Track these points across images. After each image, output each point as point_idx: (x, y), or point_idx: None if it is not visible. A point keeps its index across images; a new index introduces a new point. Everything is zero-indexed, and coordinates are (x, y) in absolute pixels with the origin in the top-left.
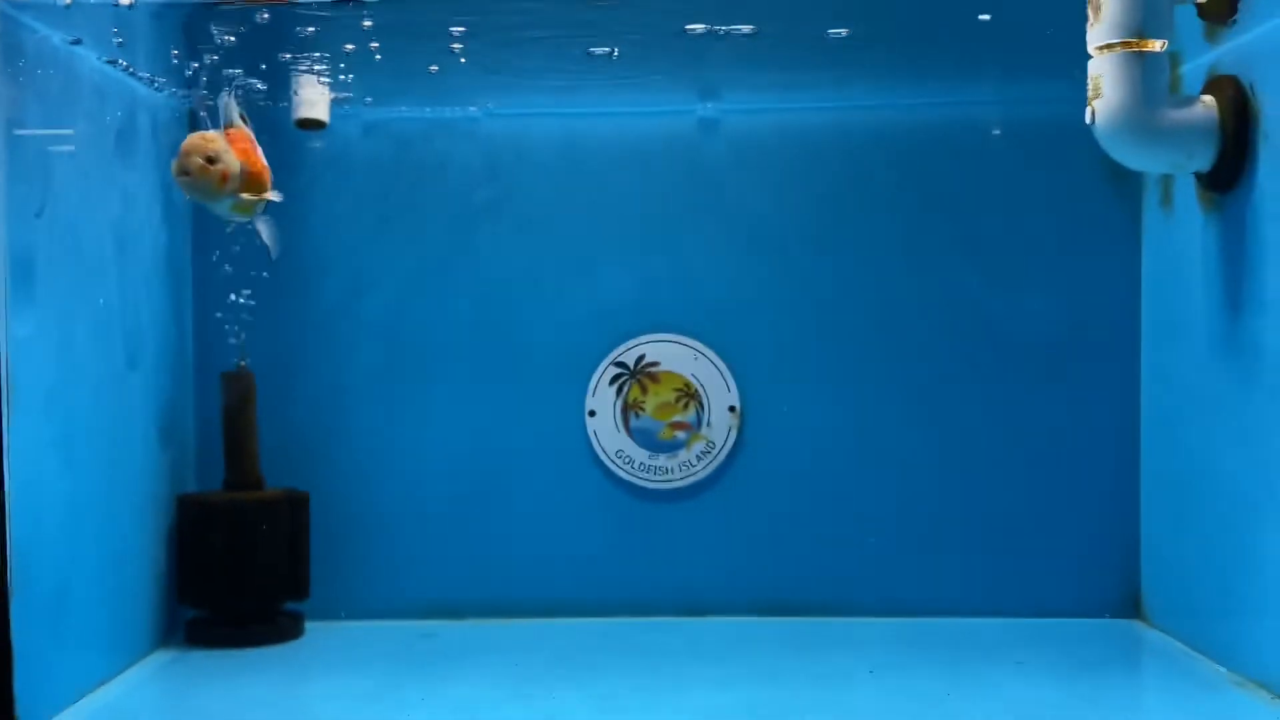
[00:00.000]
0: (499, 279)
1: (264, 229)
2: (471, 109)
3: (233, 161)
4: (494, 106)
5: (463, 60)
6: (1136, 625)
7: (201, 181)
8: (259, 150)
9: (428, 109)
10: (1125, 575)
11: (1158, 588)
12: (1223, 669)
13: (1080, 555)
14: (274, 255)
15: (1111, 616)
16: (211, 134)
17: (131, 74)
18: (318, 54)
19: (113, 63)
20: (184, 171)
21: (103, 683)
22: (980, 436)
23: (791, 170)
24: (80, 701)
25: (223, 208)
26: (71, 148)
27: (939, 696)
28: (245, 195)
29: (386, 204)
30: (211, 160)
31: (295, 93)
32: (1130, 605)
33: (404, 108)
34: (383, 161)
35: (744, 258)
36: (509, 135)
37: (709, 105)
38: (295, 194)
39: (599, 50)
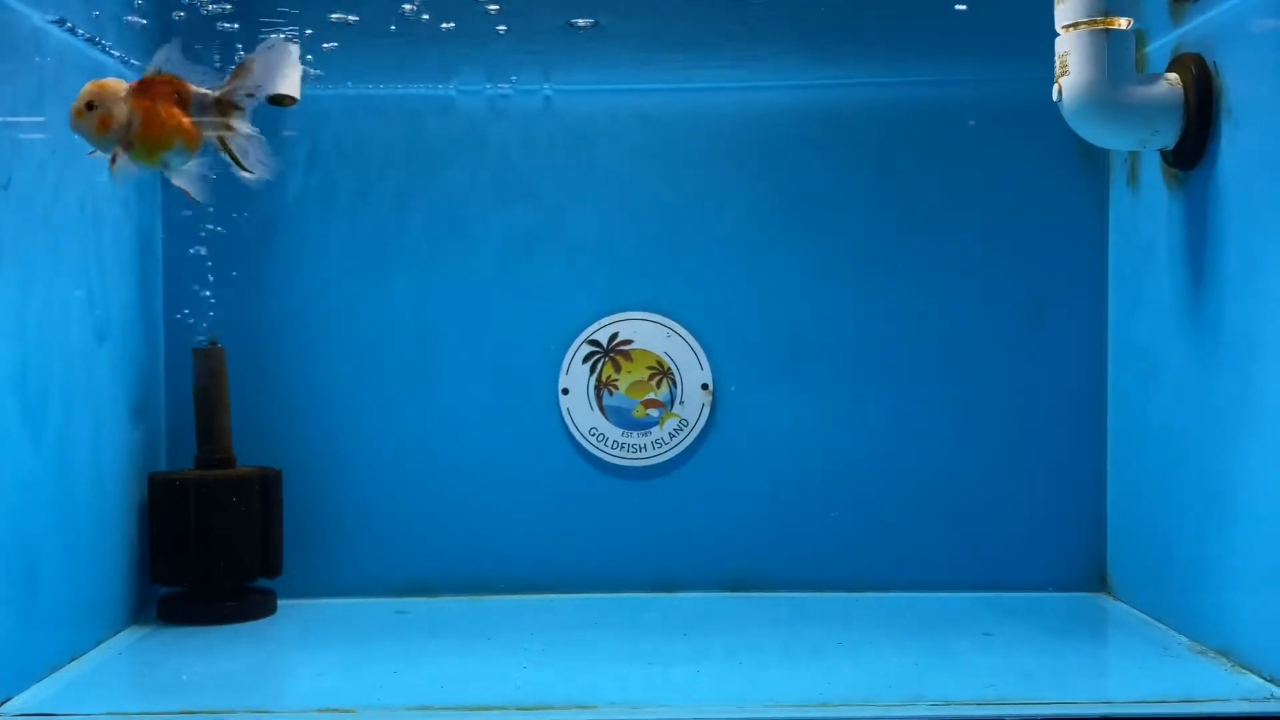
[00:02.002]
0: (473, 256)
1: (178, 180)
2: (447, 86)
3: (119, 110)
4: (470, 84)
5: (436, 35)
6: (1102, 598)
7: (77, 124)
8: (189, 105)
9: (402, 86)
10: (1091, 549)
11: (1123, 561)
12: (1184, 638)
13: (1047, 530)
14: (195, 197)
15: (1078, 590)
16: (110, 80)
17: (99, 47)
18: (294, 27)
19: (81, 36)
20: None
21: (74, 659)
22: (949, 412)
23: (764, 148)
24: (50, 677)
25: (122, 158)
26: (39, 119)
27: (908, 667)
28: (137, 147)
29: (360, 180)
30: (90, 105)
31: None
32: (1096, 579)
33: (378, 84)
34: (356, 138)
35: (716, 235)
36: (484, 113)
37: (683, 82)
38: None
39: (581, 22)
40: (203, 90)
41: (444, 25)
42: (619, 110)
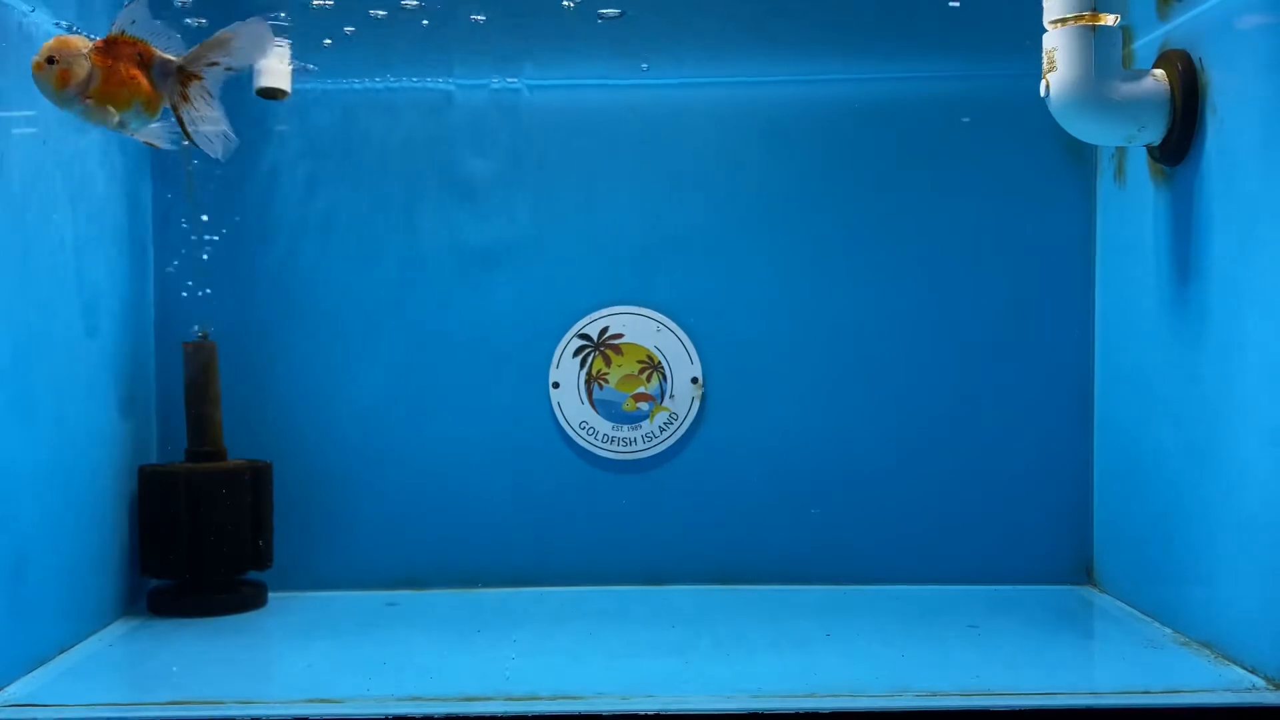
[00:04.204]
0: (464, 250)
1: (140, 136)
2: (439, 81)
3: (80, 66)
4: (461, 79)
5: (431, 29)
6: (1089, 591)
7: (37, 78)
8: (151, 68)
9: (396, 79)
10: (1078, 543)
11: (1110, 554)
12: (1169, 630)
13: (1033, 523)
14: (160, 146)
15: (1064, 583)
16: (74, 36)
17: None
18: (284, 18)
19: (67, 26)
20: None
21: (63, 650)
22: (938, 406)
23: (754, 143)
24: (39, 669)
25: (76, 112)
26: (30, 113)
27: (894, 658)
28: (95, 105)
29: (351, 174)
30: (51, 60)
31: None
32: (1082, 572)
33: (368, 78)
34: (347, 132)
35: (706, 230)
36: (472, 109)
37: (674, 77)
38: (259, 162)
39: (610, 12)
40: (167, 56)
41: (423, 22)
42: (610, 105)
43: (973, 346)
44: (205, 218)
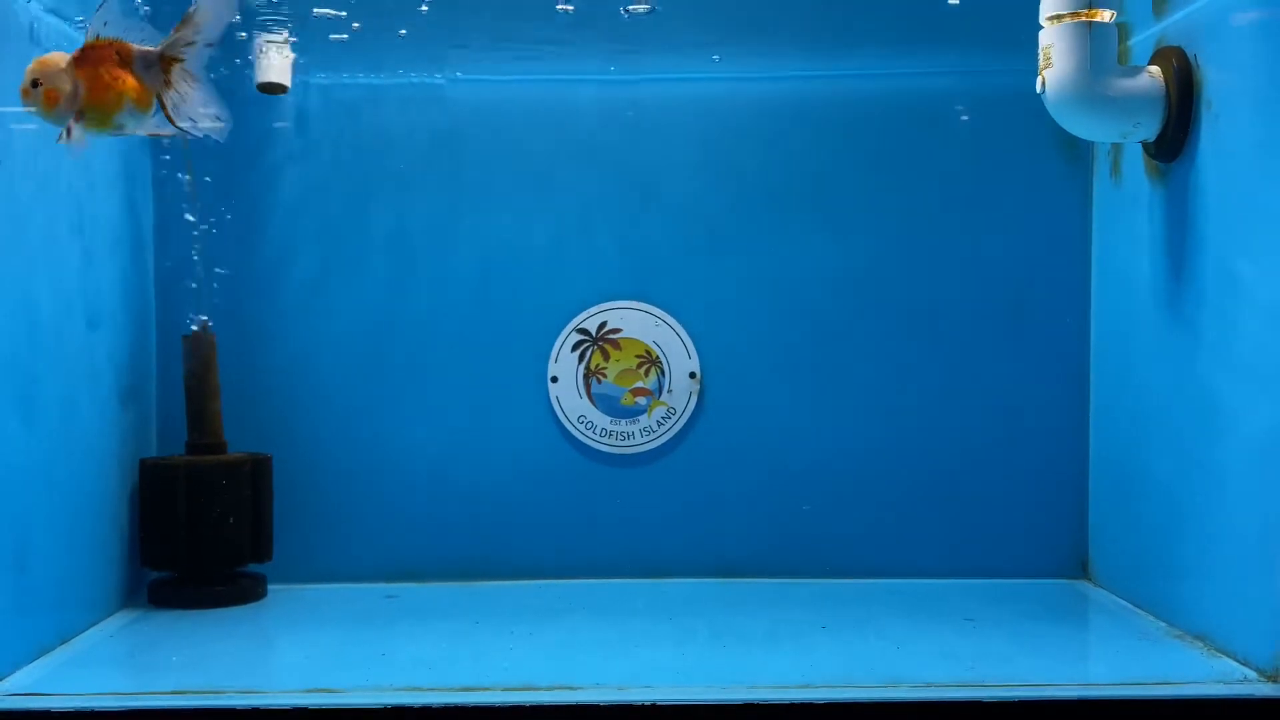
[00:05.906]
0: (463, 245)
1: (143, 130)
2: (436, 76)
3: (63, 82)
4: (459, 74)
5: (424, 26)
6: (1084, 585)
7: (27, 104)
8: (133, 65)
9: (393, 75)
10: (1073, 537)
11: (1105, 548)
12: (1163, 624)
13: (1030, 518)
14: (165, 134)
15: (1060, 577)
16: (52, 54)
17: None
18: (283, 15)
19: (72, 21)
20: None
21: (64, 641)
22: (934, 401)
23: (751, 138)
24: (40, 659)
25: (75, 128)
26: (30, 109)
27: (889, 650)
28: (88, 115)
29: (350, 170)
30: (35, 83)
31: (257, 56)
32: (1078, 566)
33: (368, 73)
34: (347, 127)
35: (704, 225)
36: (471, 103)
37: (667, 73)
38: (260, 157)
39: (641, 8)
40: (145, 48)
41: (422, 7)
42: (608, 99)
43: (969, 342)
44: (204, 209)
